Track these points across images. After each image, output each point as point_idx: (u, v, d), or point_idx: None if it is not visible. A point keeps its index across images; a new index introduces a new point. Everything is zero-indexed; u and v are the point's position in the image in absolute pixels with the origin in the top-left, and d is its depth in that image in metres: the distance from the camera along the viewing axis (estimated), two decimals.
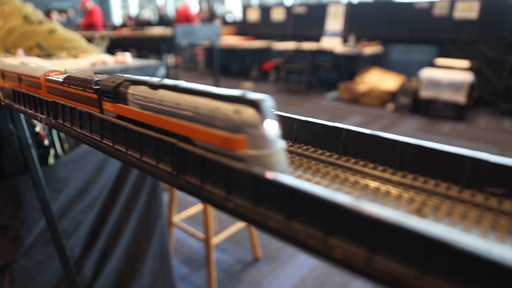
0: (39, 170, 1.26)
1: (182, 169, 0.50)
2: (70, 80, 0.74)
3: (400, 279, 0.30)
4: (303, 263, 2.33)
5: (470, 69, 5.74)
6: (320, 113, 6.04)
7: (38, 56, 1.68)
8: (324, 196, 0.35)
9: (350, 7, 7.74)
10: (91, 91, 0.67)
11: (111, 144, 0.65)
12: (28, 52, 1.68)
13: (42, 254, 1.36)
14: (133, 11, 16.82)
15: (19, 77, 0.93)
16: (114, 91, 0.62)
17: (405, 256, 0.31)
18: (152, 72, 1.74)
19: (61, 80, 0.77)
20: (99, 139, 0.69)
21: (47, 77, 0.83)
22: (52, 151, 1.41)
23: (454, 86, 5.42)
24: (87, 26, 8.62)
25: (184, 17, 9.26)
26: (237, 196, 0.44)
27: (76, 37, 1.92)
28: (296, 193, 0.37)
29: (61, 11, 9.84)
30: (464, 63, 5.86)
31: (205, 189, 0.47)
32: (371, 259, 0.32)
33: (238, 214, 0.43)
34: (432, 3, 6.54)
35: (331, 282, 2.16)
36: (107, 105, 0.64)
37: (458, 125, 5.39)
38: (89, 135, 0.72)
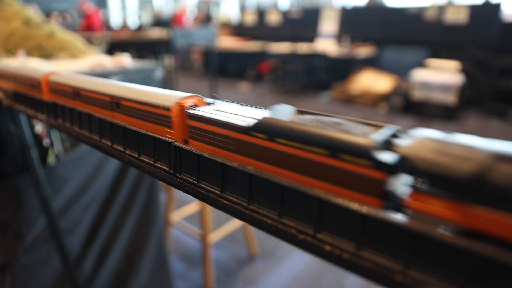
0: (40, 169, 1.29)
1: (178, 167, 0.52)
2: (285, 129, 0.39)
3: (387, 271, 0.32)
4: (298, 260, 2.37)
5: (460, 70, 5.88)
6: None
7: (39, 57, 1.71)
8: (314, 192, 0.36)
9: (344, 11, 7.85)
10: (365, 163, 0.34)
11: (109, 144, 0.67)
12: (29, 53, 1.70)
13: (42, 252, 1.39)
14: (131, 13, 16.81)
15: (116, 102, 0.64)
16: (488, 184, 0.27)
17: (391, 250, 0.32)
18: (149, 74, 1.76)
19: (246, 125, 0.43)
20: (98, 138, 0.70)
21: (190, 111, 0.51)
22: (51, 151, 1.44)
23: (444, 87, 5.53)
24: (86, 28, 8.67)
25: (179, 20, 9.42)
26: (232, 193, 0.45)
27: (75, 39, 1.94)
28: (288, 189, 0.39)
29: (61, 12, 9.86)
30: (454, 64, 5.99)
31: (201, 187, 0.49)
32: (359, 254, 0.34)
33: (232, 211, 0.45)
34: (422, 8, 6.70)
35: (326, 278, 2.20)
36: (447, 208, 0.30)
37: (449, 124, 5.50)
38: (88, 135, 0.74)
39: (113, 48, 5.39)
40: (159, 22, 10.48)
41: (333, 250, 0.36)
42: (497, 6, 6.01)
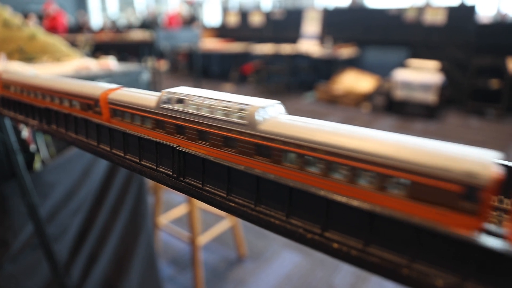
0: (26, 175, 1.26)
1: (182, 171, 0.52)
2: None
3: (394, 265, 0.33)
4: (287, 260, 2.38)
5: (440, 70, 6.06)
6: (300, 113, 6.13)
7: (20, 60, 1.67)
8: (322, 193, 0.38)
9: (326, 12, 7.97)
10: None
11: (108, 149, 0.66)
12: (10, 56, 1.66)
13: (29, 260, 1.36)
14: (112, 14, 16.49)
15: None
16: None
17: (398, 246, 0.34)
18: (135, 77, 1.75)
19: None
20: (96, 144, 0.69)
21: None
22: (37, 156, 1.41)
23: (425, 87, 5.69)
24: (49, 29, 8.51)
25: (172, 22, 9.39)
26: (238, 196, 0.46)
27: (58, 42, 1.91)
28: (295, 190, 0.40)
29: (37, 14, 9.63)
30: (434, 64, 6.16)
31: (206, 190, 0.49)
32: (366, 250, 0.35)
33: (239, 213, 0.45)
34: (402, 10, 6.90)
35: (315, 277, 2.23)
36: None
37: (430, 123, 5.66)
38: (85, 140, 0.72)
39: (95, 49, 5.30)
40: (144, 23, 10.36)
41: (341, 247, 0.37)
42: (472, 8, 6.25)
